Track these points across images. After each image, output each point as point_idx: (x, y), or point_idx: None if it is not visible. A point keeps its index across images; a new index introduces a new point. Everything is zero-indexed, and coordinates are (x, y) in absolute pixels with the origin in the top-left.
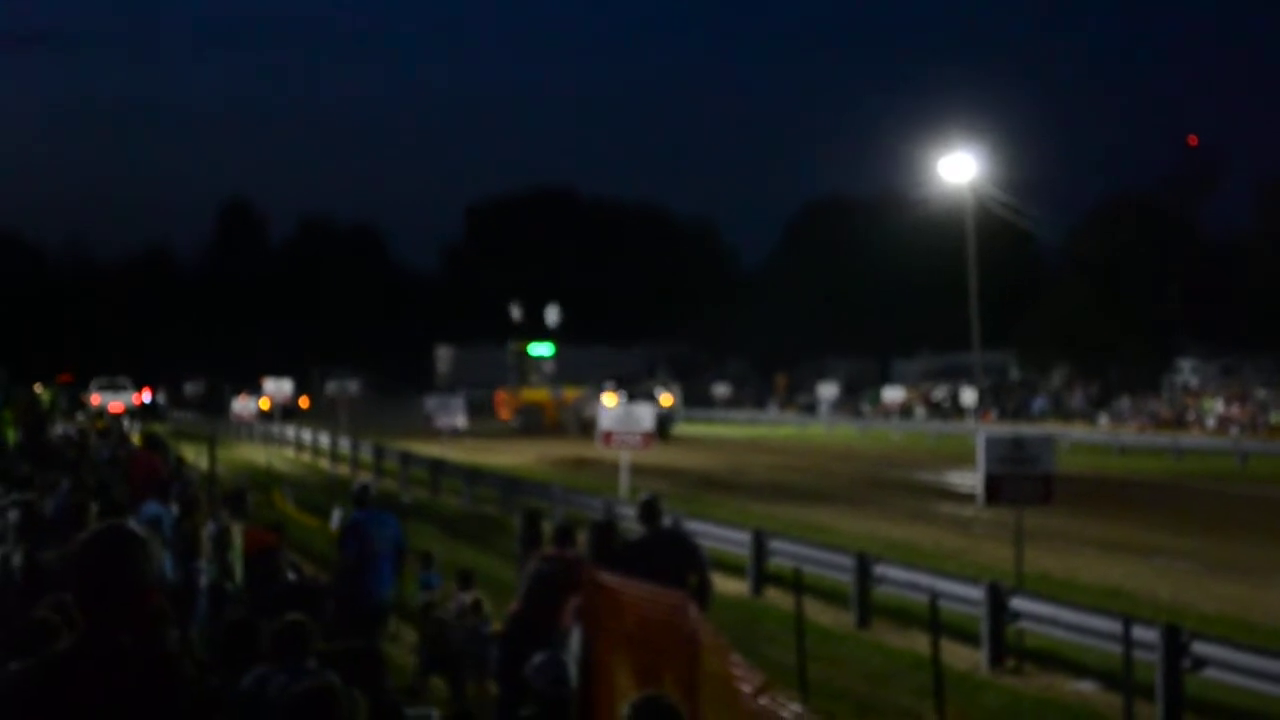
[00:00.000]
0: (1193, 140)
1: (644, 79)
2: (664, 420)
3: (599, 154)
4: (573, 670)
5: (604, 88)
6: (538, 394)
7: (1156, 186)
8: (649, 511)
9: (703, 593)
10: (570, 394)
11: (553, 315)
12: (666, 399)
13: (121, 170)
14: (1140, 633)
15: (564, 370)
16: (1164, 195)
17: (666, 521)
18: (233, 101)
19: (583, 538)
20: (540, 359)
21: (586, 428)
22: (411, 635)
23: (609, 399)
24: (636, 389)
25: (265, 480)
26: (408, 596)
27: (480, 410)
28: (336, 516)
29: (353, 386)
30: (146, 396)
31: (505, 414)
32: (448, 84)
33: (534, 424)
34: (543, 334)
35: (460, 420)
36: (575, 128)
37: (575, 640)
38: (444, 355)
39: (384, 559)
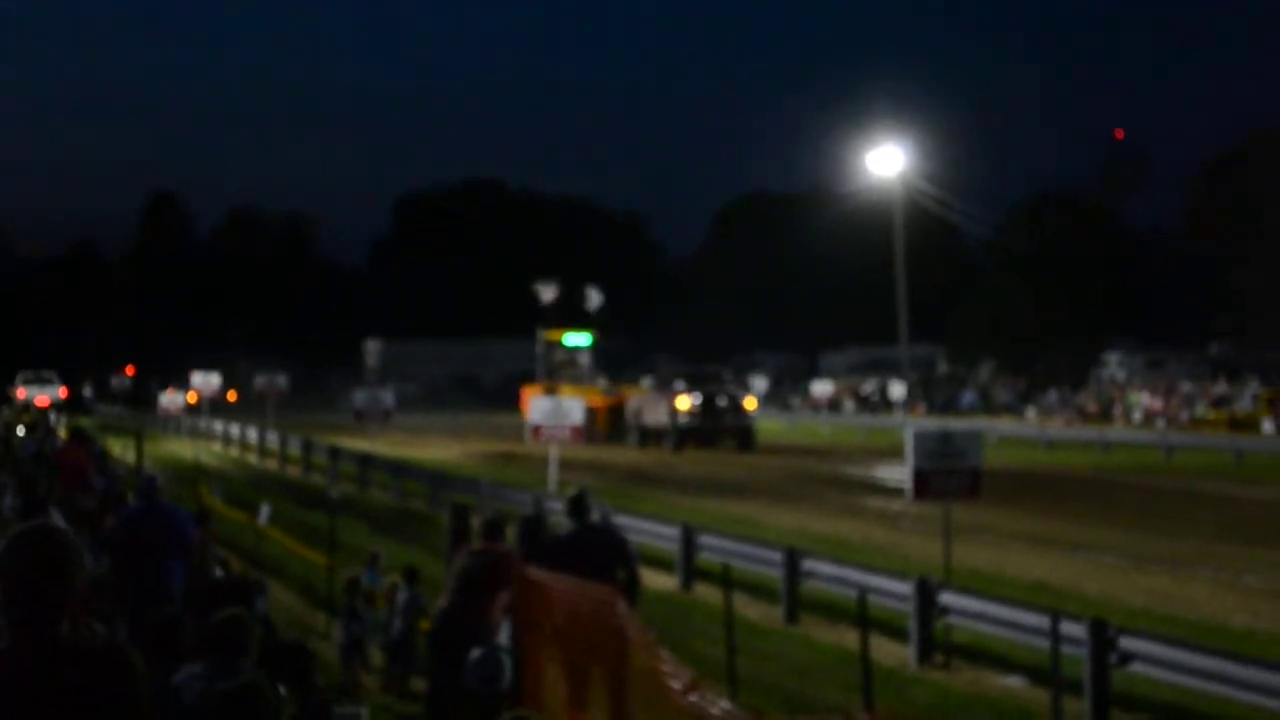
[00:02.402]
0: (1119, 134)
1: (573, 73)
2: (747, 429)
3: (528, 147)
4: (509, 663)
5: (533, 81)
6: (589, 394)
7: (1083, 181)
8: (578, 506)
9: (631, 588)
10: (629, 394)
11: (594, 299)
12: (750, 402)
13: (46, 163)
14: (1068, 627)
15: (490, 361)
16: (1090, 190)
17: (595, 516)
18: (160, 92)
19: (512, 533)
20: (577, 350)
21: (650, 436)
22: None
23: (682, 401)
24: (711, 389)
25: (192, 475)
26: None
27: (411, 404)
28: (265, 512)
29: (281, 380)
30: (63, 393)
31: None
32: (377, 76)
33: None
34: (578, 320)
35: (387, 414)
36: (505, 121)
37: (505, 636)
38: (372, 349)
39: (163, 552)
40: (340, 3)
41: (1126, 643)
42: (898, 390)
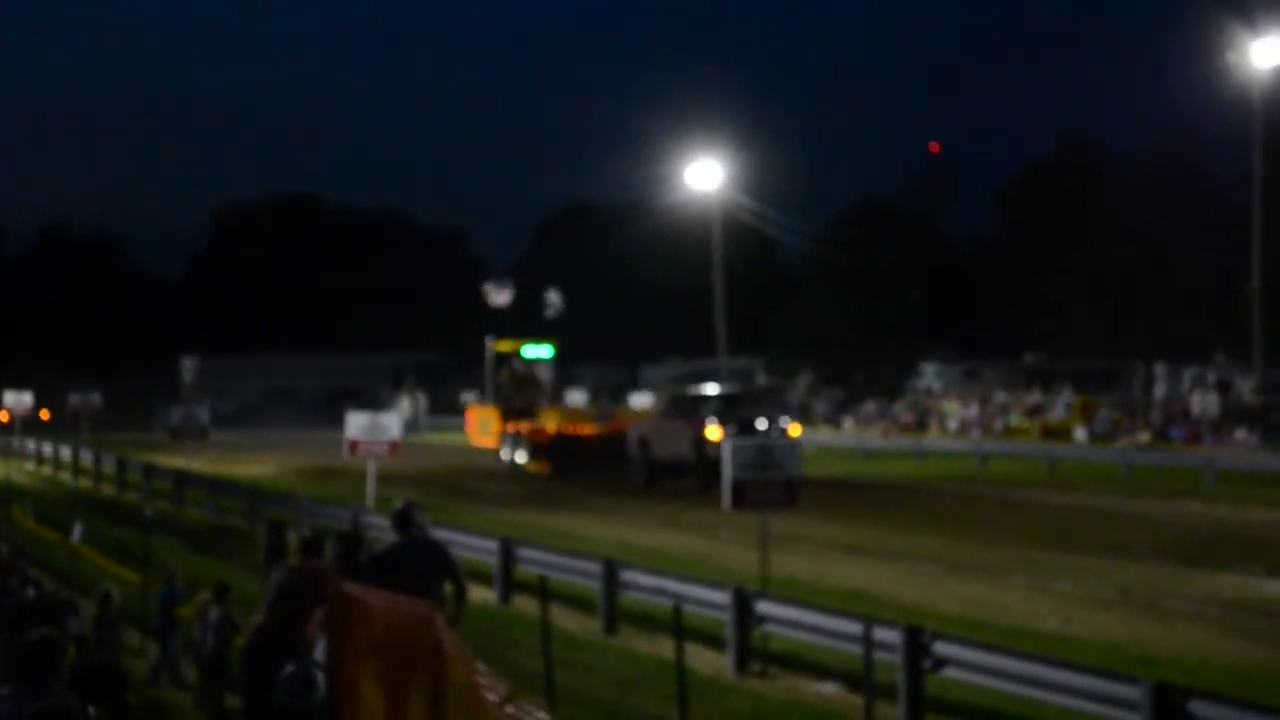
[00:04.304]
0: (934, 147)
1: (390, 86)
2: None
3: (346, 161)
4: (322, 679)
5: (350, 94)
6: (575, 420)
7: (900, 192)
8: (403, 520)
9: (459, 599)
10: (628, 419)
11: (554, 303)
12: (795, 429)
13: None
14: (884, 634)
15: (308, 377)
16: (907, 201)
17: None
18: None
19: (331, 548)
20: (536, 362)
21: (663, 471)
22: (153, 649)
23: (713, 432)
24: (749, 413)
25: (3, 494)
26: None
27: (228, 421)
28: (78, 530)
29: (96, 398)
30: None
31: (488, 440)
32: (191, 88)
33: (567, 463)
34: (534, 329)
35: (203, 431)
36: (323, 135)
37: (321, 652)
38: (189, 366)
39: None
40: (150, 11)
41: (941, 648)
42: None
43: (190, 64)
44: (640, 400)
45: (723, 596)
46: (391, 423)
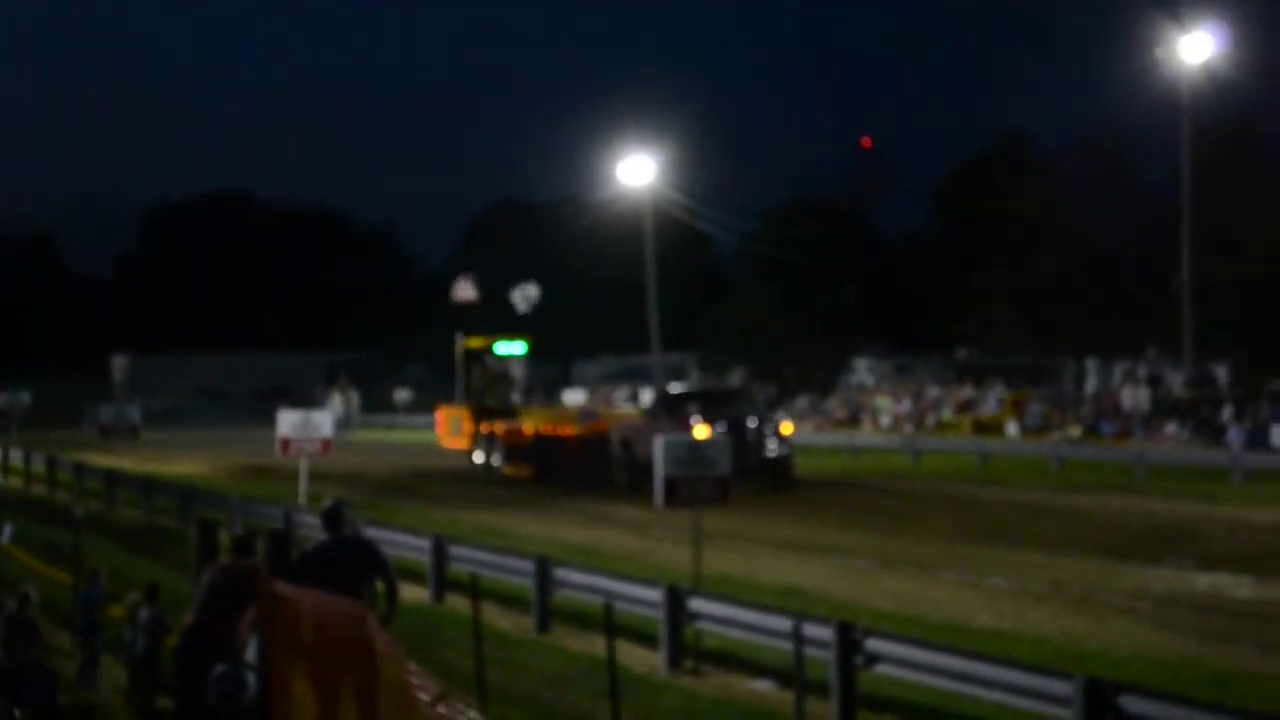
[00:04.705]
0: (866, 143)
1: (323, 83)
2: (784, 462)
3: (278, 158)
4: (253, 680)
5: (283, 91)
6: (555, 421)
7: (833, 188)
8: (332, 518)
9: (391, 598)
10: (612, 419)
11: (530, 293)
12: (787, 427)
13: None
14: (816, 630)
15: (239, 376)
16: (840, 196)
17: (349, 528)
18: None
19: (263, 547)
20: (509, 359)
21: (645, 473)
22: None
23: (701, 431)
24: (739, 411)
25: None
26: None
27: (159, 420)
28: (7, 530)
29: (25, 397)
30: None
31: (460, 441)
32: (121, 85)
33: (548, 466)
34: (508, 324)
35: (134, 430)
36: (255, 132)
37: (253, 651)
38: (119, 364)
39: None
40: (77, 7)
41: (873, 644)
42: (649, 399)
43: (120, 61)
44: (573, 397)
45: (655, 594)
46: (324, 420)
